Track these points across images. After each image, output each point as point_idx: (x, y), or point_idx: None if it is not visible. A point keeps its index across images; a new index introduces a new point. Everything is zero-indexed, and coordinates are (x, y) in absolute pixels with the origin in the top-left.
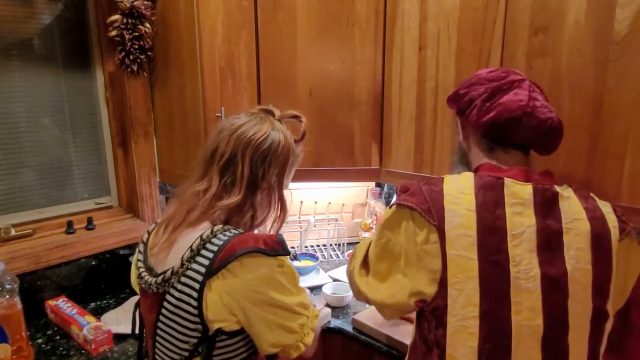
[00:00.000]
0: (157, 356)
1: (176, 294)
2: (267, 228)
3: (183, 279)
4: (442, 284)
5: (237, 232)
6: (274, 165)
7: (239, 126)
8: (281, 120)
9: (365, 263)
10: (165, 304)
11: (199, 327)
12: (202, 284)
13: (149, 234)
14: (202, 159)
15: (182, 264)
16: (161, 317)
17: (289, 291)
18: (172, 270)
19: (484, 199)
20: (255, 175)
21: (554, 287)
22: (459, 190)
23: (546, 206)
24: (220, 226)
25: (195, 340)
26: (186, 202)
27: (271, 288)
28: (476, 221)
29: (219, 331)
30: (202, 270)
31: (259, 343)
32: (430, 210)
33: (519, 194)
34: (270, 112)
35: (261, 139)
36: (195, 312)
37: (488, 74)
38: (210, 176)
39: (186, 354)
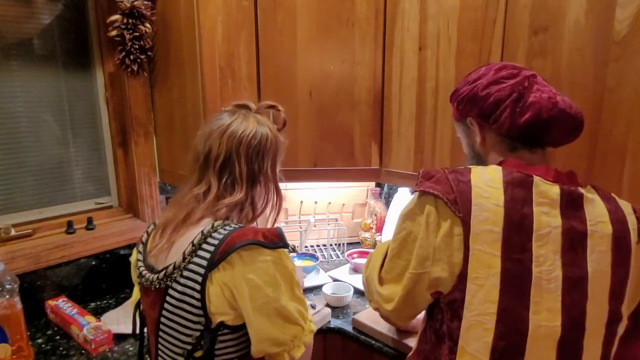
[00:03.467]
0: (160, 352)
1: (179, 287)
2: (266, 216)
3: (185, 273)
4: (462, 277)
5: (237, 226)
6: (267, 158)
7: (227, 126)
8: (259, 112)
9: (382, 269)
10: (167, 298)
11: (202, 320)
12: (204, 277)
13: (148, 234)
14: (196, 164)
15: (184, 258)
16: (164, 312)
17: (287, 292)
18: (174, 265)
19: (513, 196)
20: (252, 170)
21: (574, 289)
22: (488, 184)
23: (572, 208)
24: (220, 221)
25: (198, 334)
26: (185, 205)
27: (268, 285)
28: (503, 218)
29: (222, 324)
30: (204, 263)
31: (254, 340)
32: (456, 201)
33: (547, 194)
34: (246, 107)
35: (251, 135)
36: (199, 304)
37: (499, 72)
38: (208, 179)
39: (189, 347)
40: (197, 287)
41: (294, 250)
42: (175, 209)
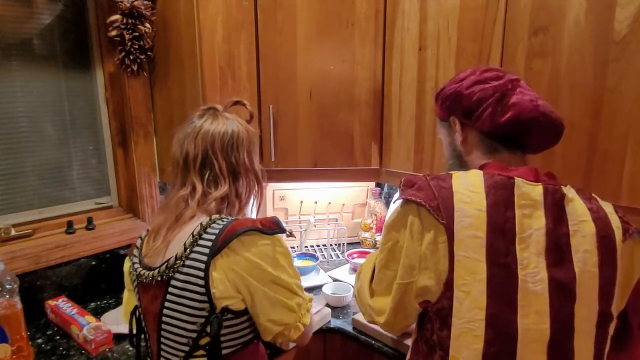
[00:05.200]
0: (163, 345)
1: (182, 277)
2: (250, 205)
3: (188, 262)
4: (448, 285)
5: (234, 218)
6: (242, 150)
7: (199, 128)
8: (226, 110)
9: (372, 281)
10: (170, 289)
11: (206, 305)
12: (207, 264)
13: (142, 240)
14: (176, 168)
15: (186, 249)
16: (167, 304)
17: (286, 270)
18: (176, 256)
19: (495, 199)
20: (231, 164)
21: (562, 290)
22: (469, 189)
23: (555, 208)
24: (217, 215)
25: (202, 320)
26: (175, 208)
27: (269, 265)
28: (486, 222)
29: (226, 309)
30: (206, 251)
31: (261, 322)
32: (439, 208)
33: (529, 195)
34: (214, 109)
35: (222, 132)
36: (203, 290)
37: (484, 74)
38: (191, 180)
39: (194, 335)
40: (201, 274)
41: (291, 234)
42: (165, 214)
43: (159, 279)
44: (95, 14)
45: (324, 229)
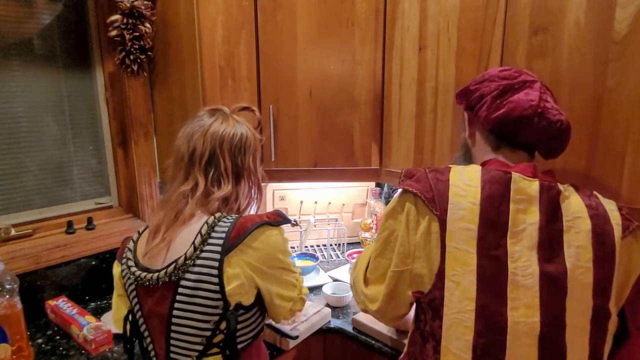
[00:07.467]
0: (173, 347)
1: (193, 276)
2: (249, 209)
3: (199, 261)
4: (440, 275)
5: (238, 216)
6: (249, 154)
7: (209, 126)
8: (234, 113)
9: (367, 270)
10: (180, 289)
11: (220, 303)
12: (221, 261)
13: (135, 242)
14: (180, 163)
15: (196, 249)
16: (177, 305)
17: (289, 254)
18: (185, 256)
19: (490, 193)
20: (236, 165)
21: (553, 285)
22: (466, 183)
23: (551, 204)
24: (220, 213)
25: (217, 318)
26: (175, 204)
27: (280, 253)
28: (479, 215)
29: (239, 305)
30: (218, 249)
31: (275, 304)
32: (434, 200)
33: (525, 190)
34: (221, 110)
35: (232, 133)
36: (217, 288)
37: (500, 72)
38: (194, 176)
39: (208, 333)
40: (214, 272)
41: (296, 223)
42: (164, 210)
43: (167, 280)
44: (95, 14)
45: (324, 229)
